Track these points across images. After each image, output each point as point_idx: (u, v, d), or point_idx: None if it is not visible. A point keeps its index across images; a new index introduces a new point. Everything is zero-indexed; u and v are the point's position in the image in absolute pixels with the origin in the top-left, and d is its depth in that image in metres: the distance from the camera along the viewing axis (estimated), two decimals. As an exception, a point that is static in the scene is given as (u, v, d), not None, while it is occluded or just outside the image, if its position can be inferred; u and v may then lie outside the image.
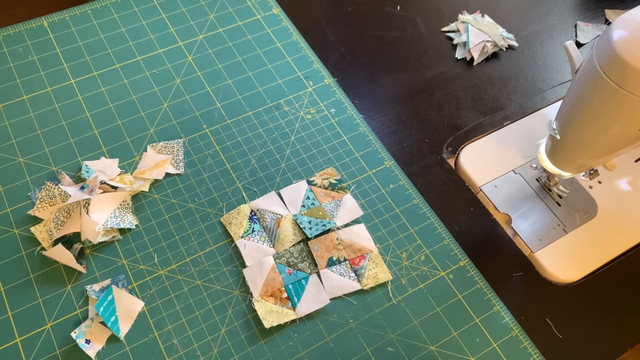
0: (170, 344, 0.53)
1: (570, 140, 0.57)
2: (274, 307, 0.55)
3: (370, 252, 0.59)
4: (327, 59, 0.74)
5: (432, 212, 0.63)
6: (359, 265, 0.58)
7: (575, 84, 0.54)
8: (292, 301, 0.55)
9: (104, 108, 0.67)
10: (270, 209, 0.61)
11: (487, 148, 0.69)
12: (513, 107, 0.73)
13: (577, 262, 0.62)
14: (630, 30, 0.47)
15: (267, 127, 0.67)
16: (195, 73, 0.71)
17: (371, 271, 0.58)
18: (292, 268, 0.57)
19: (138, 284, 0.56)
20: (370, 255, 0.59)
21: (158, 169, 0.62)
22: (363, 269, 0.58)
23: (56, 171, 0.62)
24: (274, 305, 0.55)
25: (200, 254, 0.58)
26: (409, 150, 0.68)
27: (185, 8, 0.76)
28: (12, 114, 0.65)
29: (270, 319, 0.54)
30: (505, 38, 0.78)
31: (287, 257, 0.58)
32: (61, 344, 0.52)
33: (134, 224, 0.59)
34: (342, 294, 0.57)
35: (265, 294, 0.56)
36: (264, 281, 0.56)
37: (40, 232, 0.57)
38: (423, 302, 0.57)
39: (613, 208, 0.66)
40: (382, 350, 0.55)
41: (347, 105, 0.70)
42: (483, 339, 0.56)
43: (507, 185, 0.67)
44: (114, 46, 0.72)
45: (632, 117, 0.50)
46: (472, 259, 0.60)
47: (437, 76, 0.75)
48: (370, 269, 0.58)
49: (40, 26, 0.72)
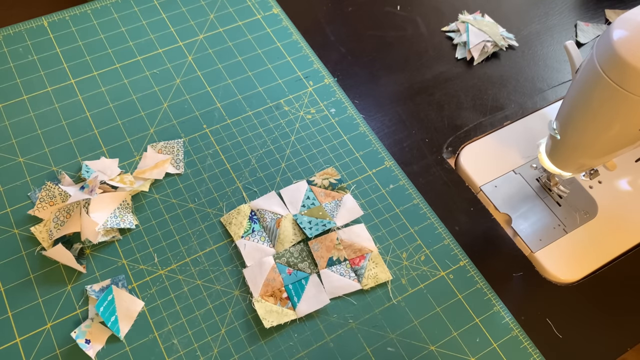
0: (170, 344, 0.53)
1: (571, 140, 0.57)
2: (274, 307, 0.55)
3: (370, 252, 0.59)
4: (327, 59, 0.74)
5: (432, 212, 0.63)
6: (359, 265, 0.58)
7: (576, 84, 0.54)
8: (292, 301, 0.55)
9: (104, 108, 0.67)
10: (270, 209, 0.61)
11: (487, 148, 0.69)
12: (513, 107, 0.73)
13: (577, 262, 0.62)
14: (630, 30, 0.47)
15: (267, 127, 0.67)
16: (195, 73, 0.71)
17: (371, 271, 0.58)
18: (292, 268, 0.57)
19: (138, 284, 0.56)
20: (370, 255, 0.59)
21: (158, 169, 0.62)
22: (363, 269, 0.58)
23: (56, 171, 0.62)
24: (274, 305, 0.55)
25: (200, 254, 0.58)
26: (409, 150, 0.68)
27: (185, 8, 0.76)
28: (12, 113, 0.65)
29: (270, 318, 0.54)
30: (506, 38, 0.78)
31: (287, 257, 0.58)
32: (61, 344, 0.52)
33: (134, 224, 0.59)
34: (342, 294, 0.57)
35: (265, 294, 0.56)
36: (264, 281, 0.56)
37: (40, 232, 0.57)
38: (423, 302, 0.57)
39: (613, 208, 0.66)
40: (382, 350, 0.55)
41: (347, 105, 0.70)
42: (483, 339, 0.56)
43: (507, 185, 0.67)
44: (114, 46, 0.72)
45: (632, 117, 0.50)
46: (472, 259, 0.60)
47: (437, 76, 0.75)
48: (370, 269, 0.58)
49: (40, 26, 0.72)
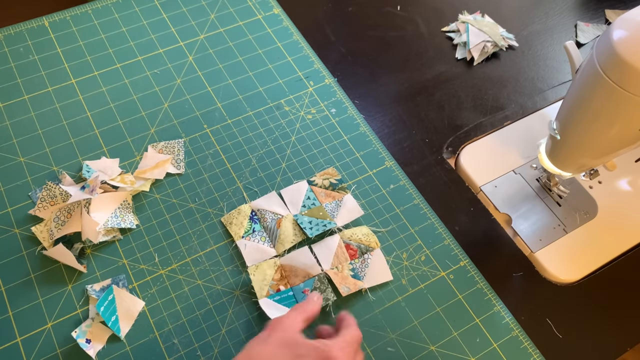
0: (170, 344, 0.53)
1: (571, 140, 0.57)
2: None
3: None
4: (327, 59, 0.74)
5: (433, 212, 0.63)
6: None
7: (576, 84, 0.54)
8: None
9: (105, 108, 0.67)
10: (270, 209, 0.61)
11: (487, 148, 0.69)
12: (513, 107, 0.73)
13: (577, 262, 0.62)
14: (630, 30, 0.47)
15: (268, 127, 0.67)
16: (196, 73, 0.71)
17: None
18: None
19: (139, 283, 0.56)
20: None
21: (159, 169, 0.62)
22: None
23: (57, 171, 0.62)
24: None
25: (200, 253, 0.58)
26: (409, 150, 0.68)
27: (186, 8, 0.76)
28: (13, 113, 0.65)
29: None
30: (506, 38, 0.78)
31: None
32: (62, 344, 0.52)
33: (135, 224, 0.59)
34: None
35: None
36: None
37: (41, 231, 0.57)
38: (423, 302, 0.58)
39: (613, 208, 0.66)
40: (382, 350, 0.55)
41: (348, 105, 0.70)
42: (483, 339, 0.56)
43: (507, 185, 0.67)
44: (114, 46, 0.72)
45: (632, 117, 0.50)
46: (472, 259, 0.61)
47: (437, 76, 0.75)
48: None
49: (41, 26, 0.72)
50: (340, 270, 0.57)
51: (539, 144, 0.64)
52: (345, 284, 0.56)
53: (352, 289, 0.56)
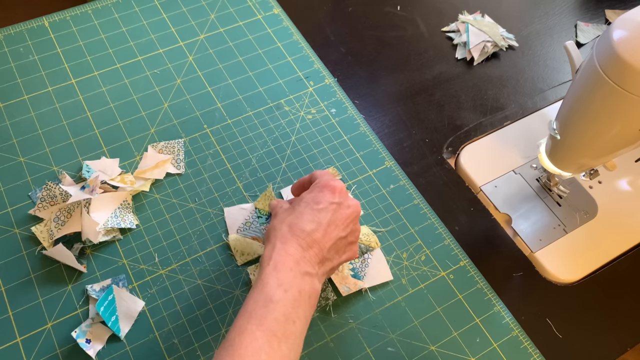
0: (170, 344, 0.53)
1: (571, 140, 0.57)
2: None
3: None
4: (327, 59, 0.74)
5: (433, 212, 0.63)
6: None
7: (576, 84, 0.54)
8: None
9: (105, 108, 0.67)
10: (270, 208, 0.61)
11: (487, 148, 0.69)
12: (513, 107, 0.73)
13: (577, 262, 0.62)
14: (630, 30, 0.47)
15: (268, 127, 0.67)
16: (196, 73, 0.71)
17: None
18: None
19: (139, 283, 0.56)
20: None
21: (159, 169, 0.62)
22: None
23: (57, 171, 0.62)
24: None
25: (200, 253, 0.58)
26: (409, 150, 0.68)
27: (185, 8, 0.76)
28: (13, 113, 0.65)
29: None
30: (506, 38, 0.78)
31: None
32: (62, 344, 0.52)
33: (135, 224, 0.59)
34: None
35: None
36: None
37: (41, 231, 0.57)
38: (423, 302, 0.58)
39: (613, 208, 0.66)
40: (382, 350, 0.55)
41: (348, 105, 0.70)
42: (483, 339, 0.56)
43: (507, 185, 0.67)
44: (114, 46, 0.72)
45: (632, 117, 0.50)
46: (473, 259, 0.61)
47: (437, 76, 0.75)
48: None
49: (41, 26, 0.72)
50: (340, 270, 0.57)
51: (539, 144, 0.64)
52: (345, 283, 0.57)
53: (352, 289, 0.56)
